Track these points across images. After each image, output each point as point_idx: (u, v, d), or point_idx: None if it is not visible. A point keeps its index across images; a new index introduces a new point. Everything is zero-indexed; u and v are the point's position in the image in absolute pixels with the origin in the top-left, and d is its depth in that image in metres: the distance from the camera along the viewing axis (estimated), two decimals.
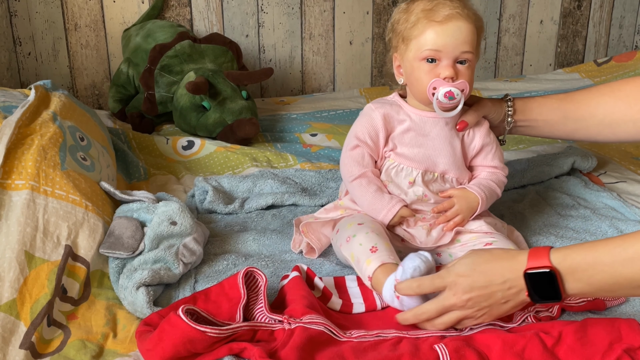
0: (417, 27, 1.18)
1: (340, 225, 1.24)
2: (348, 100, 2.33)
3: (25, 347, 1.01)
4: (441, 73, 1.16)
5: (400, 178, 1.24)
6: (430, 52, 1.16)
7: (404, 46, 1.20)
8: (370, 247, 1.14)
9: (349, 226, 1.21)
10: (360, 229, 1.18)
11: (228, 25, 2.39)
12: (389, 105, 1.25)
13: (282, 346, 0.97)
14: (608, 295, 1.06)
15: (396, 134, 1.24)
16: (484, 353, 0.98)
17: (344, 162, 1.26)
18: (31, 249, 1.13)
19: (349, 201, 1.29)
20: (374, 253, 1.13)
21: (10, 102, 1.41)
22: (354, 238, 1.17)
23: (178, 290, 1.18)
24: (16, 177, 1.20)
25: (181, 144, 1.81)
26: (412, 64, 1.19)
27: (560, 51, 2.77)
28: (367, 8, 2.50)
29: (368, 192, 1.22)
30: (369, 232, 1.17)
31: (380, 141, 1.24)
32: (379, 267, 1.10)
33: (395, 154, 1.24)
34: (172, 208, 1.25)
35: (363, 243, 1.15)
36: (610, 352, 0.97)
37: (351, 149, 1.25)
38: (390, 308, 1.13)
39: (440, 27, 1.16)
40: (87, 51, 2.31)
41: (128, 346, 1.05)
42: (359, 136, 1.24)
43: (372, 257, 1.12)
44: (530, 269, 0.97)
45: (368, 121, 1.24)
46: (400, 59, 1.23)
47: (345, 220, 1.24)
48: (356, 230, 1.18)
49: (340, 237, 1.21)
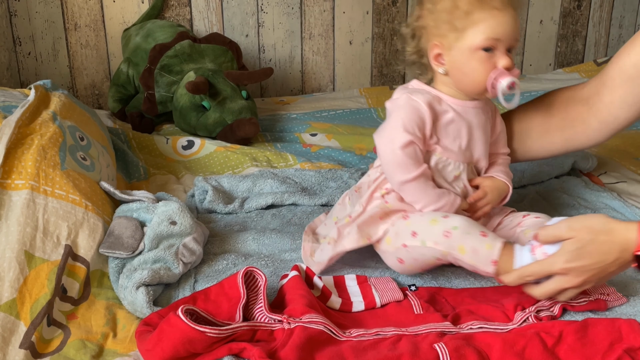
0: (473, 14, 1.11)
1: (415, 226, 1.13)
2: (348, 100, 2.33)
3: (25, 346, 1.01)
4: (499, 62, 1.12)
5: (446, 172, 1.19)
6: (489, 41, 1.11)
7: (455, 35, 1.13)
8: (479, 233, 1.09)
9: (433, 222, 1.12)
10: (454, 219, 1.11)
11: (228, 25, 2.39)
12: (428, 94, 1.18)
13: (281, 346, 0.97)
14: None
15: (441, 125, 1.17)
16: (484, 352, 0.98)
17: (397, 161, 1.14)
18: (31, 249, 1.13)
19: (398, 201, 1.19)
20: (486, 237, 1.08)
21: (10, 102, 1.41)
22: (456, 230, 1.09)
23: (178, 290, 1.18)
24: (16, 176, 1.20)
25: (181, 143, 1.81)
26: (465, 54, 1.13)
27: (560, 51, 2.77)
28: (367, 8, 2.50)
29: (428, 189, 1.16)
30: (464, 220, 1.11)
31: (427, 133, 1.16)
32: (503, 247, 1.08)
33: (441, 148, 1.18)
34: (172, 208, 1.25)
35: (470, 231, 1.09)
36: (610, 352, 0.97)
37: (403, 147, 1.13)
38: (390, 306, 1.13)
39: (500, 14, 1.11)
40: (87, 51, 2.31)
41: (128, 346, 1.05)
42: (409, 129, 1.14)
43: (489, 241, 1.08)
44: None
45: (414, 112, 1.16)
46: (445, 48, 1.15)
47: (416, 220, 1.14)
48: (450, 222, 1.11)
49: (429, 237, 1.11)
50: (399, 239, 1.15)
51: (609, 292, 1.12)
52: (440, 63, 1.17)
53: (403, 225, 1.15)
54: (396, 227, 1.16)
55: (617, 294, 1.12)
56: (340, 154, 1.83)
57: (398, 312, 1.12)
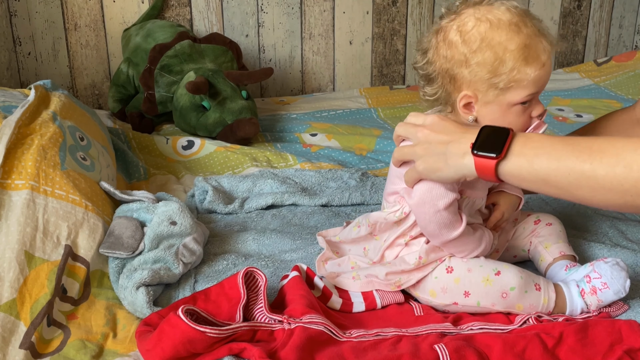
0: (519, 72, 1.02)
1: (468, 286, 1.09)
2: (348, 100, 2.33)
3: (25, 347, 1.01)
4: (534, 112, 1.07)
5: (471, 210, 1.15)
6: (530, 97, 1.05)
7: (494, 92, 1.04)
8: (534, 286, 1.09)
9: (487, 283, 1.08)
10: (508, 277, 1.08)
11: (228, 25, 2.39)
12: None
13: (281, 346, 0.97)
14: (539, 187, 0.95)
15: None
16: (484, 353, 0.98)
17: (442, 222, 1.07)
18: (31, 249, 1.13)
19: (432, 254, 1.12)
20: (540, 291, 1.09)
21: (10, 102, 1.41)
22: (513, 291, 1.08)
23: (178, 290, 1.18)
24: (16, 177, 1.19)
25: (181, 143, 1.81)
26: (502, 108, 1.05)
27: (560, 51, 2.77)
28: (367, 8, 2.50)
29: (469, 237, 1.11)
30: (517, 276, 1.09)
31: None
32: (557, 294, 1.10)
33: (469, 190, 1.12)
34: (172, 208, 1.25)
35: (527, 288, 1.08)
36: (610, 353, 0.97)
37: (446, 207, 1.06)
38: (390, 307, 1.13)
39: (544, 69, 1.03)
40: (87, 51, 2.31)
41: (128, 346, 1.05)
42: (449, 187, 1.06)
43: (544, 294, 1.09)
44: (491, 124, 0.98)
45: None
46: (479, 101, 1.06)
47: (466, 279, 1.09)
48: (505, 281, 1.08)
49: (485, 299, 1.09)
50: (449, 296, 1.10)
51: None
52: (469, 111, 1.08)
53: (451, 282, 1.10)
54: (441, 282, 1.11)
55: (619, 303, 1.11)
56: (340, 154, 1.83)
57: (399, 313, 1.12)
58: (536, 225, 1.24)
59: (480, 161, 0.95)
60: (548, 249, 1.20)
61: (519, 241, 1.25)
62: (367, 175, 1.64)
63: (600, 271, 1.09)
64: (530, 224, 1.25)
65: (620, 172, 0.86)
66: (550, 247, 1.21)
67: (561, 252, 1.20)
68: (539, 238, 1.23)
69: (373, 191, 1.54)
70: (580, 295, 1.09)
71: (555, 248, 1.20)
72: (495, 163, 0.94)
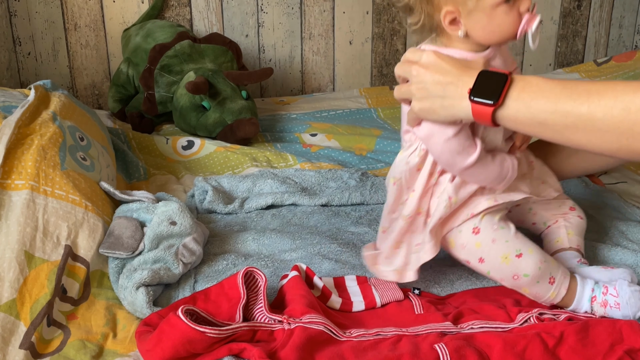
0: None
1: (485, 254, 1.11)
2: (348, 100, 2.33)
3: (25, 347, 1.01)
4: (522, 6, 1.04)
5: (495, 135, 1.12)
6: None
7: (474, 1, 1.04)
8: (548, 280, 1.10)
9: (505, 260, 1.10)
10: (527, 262, 1.09)
11: (228, 25, 2.39)
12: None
13: (281, 346, 0.97)
14: (533, 131, 0.96)
15: None
16: (485, 353, 0.98)
17: (454, 149, 1.06)
18: (31, 249, 1.13)
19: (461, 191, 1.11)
20: (553, 285, 1.10)
21: (10, 102, 1.41)
22: (526, 277, 1.10)
23: (178, 290, 1.18)
24: (16, 177, 1.19)
25: (181, 143, 1.81)
26: (487, 12, 1.04)
27: (560, 51, 2.77)
28: (367, 8, 2.50)
29: (488, 163, 1.09)
30: (536, 265, 1.09)
31: None
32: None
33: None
34: (172, 208, 1.25)
35: (540, 280, 1.09)
36: (611, 353, 0.97)
37: (456, 133, 1.05)
38: (390, 306, 1.13)
39: None
40: (86, 51, 2.31)
41: (128, 346, 1.05)
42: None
43: (554, 289, 1.10)
44: (490, 69, 0.97)
45: None
46: (462, 13, 1.05)
47: (487, 246, 1.11)
48: (522, 266, 1.10)
49: (497, 272, 1.11)
50: (464, 254, 1.13)
51: None
52: (456, 27, 1.07)
53: (472, 243, 1.11)
54: (463, 238, 1.12)
55: None
56: (340, 154, 1.83)
57: (398, 312, 1.12)
58: (571, 211, 1.25)
59: (477, 107, 0.95)
60: (570, 236, 1.22)
61: (547, 214, 1.25)
62: (367, 175, 1.64)
63: (620, 291, 1.09)
64: (566, 207, 1.26)
65: (617, 114, 0.86)
66: (572, 236, 1.22)
67: (578, 246, 1.22)
68: (567, 223, 1.24)
69: (373, 191, 1.54)
70: (590, 300, 1.10)
71: (576, 240, 1.22)
72: (492, 110, 0.94)
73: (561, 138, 0.93)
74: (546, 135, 0.94)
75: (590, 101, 0.88)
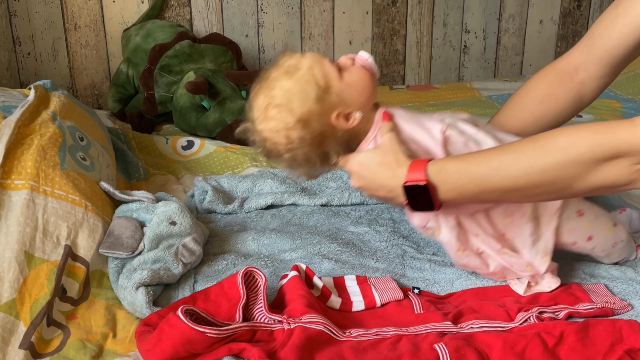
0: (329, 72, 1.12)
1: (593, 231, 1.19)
2: None
3: (25, 347, 1.01)
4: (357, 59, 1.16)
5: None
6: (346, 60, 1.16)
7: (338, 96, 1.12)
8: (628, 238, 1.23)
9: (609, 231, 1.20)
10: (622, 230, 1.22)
11: (228, 25, 2.39)
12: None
13: (281, 346, 0.97)
14: (474, 202, 1.09)
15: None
16: (485, 352, 0.98)
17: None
18: (31, 249, 1.13)
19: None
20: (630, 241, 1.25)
21: (10, 102, 1.41)
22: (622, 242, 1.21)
23: (177, 290, 1.18)
24: (16, 177, 1.19)
25: (181, 143, 1.81)
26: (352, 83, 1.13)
27: (560, 51, 2.77)
28: (366, 8, 2.50)
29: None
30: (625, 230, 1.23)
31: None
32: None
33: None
34: (172, 208, 1.25)
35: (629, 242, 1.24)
36: (611, 353, 0.97)
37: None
38: (390, 305, 1.13)
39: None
40: (86, 51, 2.31)
41: (127, 346, 1.05)
42: None
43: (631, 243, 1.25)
44: (408, 182, 1.05)
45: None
46: (344, 105, 1.12)
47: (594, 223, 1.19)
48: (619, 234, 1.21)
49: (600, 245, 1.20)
50: (573, 236, 1.18)
51: (614, 300, 1.12)
52: (347, 119, 1.13)
53: (581, 225, 1.17)
54: (571, 223, 1.17)
55: (622, 302, 1.11)
56: None
57: (398, 311, 1.12)
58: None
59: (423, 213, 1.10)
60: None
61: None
62: None
63: None
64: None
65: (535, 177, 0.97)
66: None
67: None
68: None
69: None
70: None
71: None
72: (436, 213, 1.08)
73: (500, 200, 1.07)
74: (488, 200, 1.07)
75: (507, 170, 0.99)
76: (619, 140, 0.91)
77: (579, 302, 1.11)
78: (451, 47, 2.65)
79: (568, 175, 0.94)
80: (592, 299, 1.11)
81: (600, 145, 0.91)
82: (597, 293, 1.14)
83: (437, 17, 2.59)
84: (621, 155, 0.91)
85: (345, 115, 1.13)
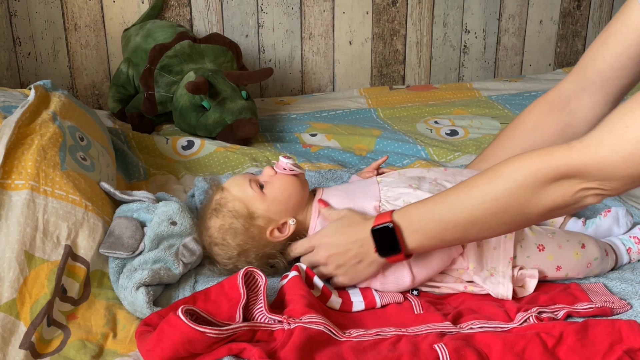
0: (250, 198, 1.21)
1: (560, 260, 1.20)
2: (348, 100, 2.33)
3: (25, 347, 1.01)
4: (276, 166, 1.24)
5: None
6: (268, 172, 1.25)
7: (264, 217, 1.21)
8: (605, 252, 1.23)
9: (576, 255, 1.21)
10: (592, 249, 1.22)
11: (228, 25, 2.39)
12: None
13: (281, 346, 0.97)
14: (442, 245, 1.10)
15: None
16: (484, 353, 0.98)
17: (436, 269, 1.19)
18: (31, 249, 1.13)
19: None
20: (607, 256, 1.24)
21: (10, 102, 1.40)
22: (596, 260, 1.22)
23: (178, 290, 1.18)
24: (16, 177, 1.19)
25: (181, 143, 1.81)
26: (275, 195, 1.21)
27: (559, 51, 2.77)
28: (366, 8, 2.50)
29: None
30: (597, 246, 1.23)
31: None
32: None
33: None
34: (172, 208, 1.25)
35: (604, 257, 1.23)
36: (610, 353, 0.98)
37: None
38: (390, 306, 1.13)
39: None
40: (86, 51, 2.31)
41: (128, 346, 1.05)
42: None
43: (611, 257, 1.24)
44: (376, 225, 1.09)
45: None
46: (274, 221, 1.21)
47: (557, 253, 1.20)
48: (590, 252, 1.22)
49: (574, 269, 1.21)
50: (541, 270, 1.19)
51: (613, 300, 1.12)
52: (282, 231, 1.22)
53: (544, 259, 1.19)
54: (534, 260, 1.19)
55: (621, 302, 1.11)
56: (340, 154, 1.83)
57: (398, 312, 1.12)
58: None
59: (392, 259, 1.10)
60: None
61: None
62: None
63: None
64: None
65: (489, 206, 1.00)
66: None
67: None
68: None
69: None
70: (627, 253, 1.25)
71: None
72: (403, 255, 1.09)
73: (466, 238, 1.09)
74: (454, 241, 1.09)
75: (463, 203, 1.02)
76: (557, 163, 0.94)
77: (577, 301, 1.11)
78: (451, 47, 2.65)
79: (518, 201, 0.97)
80: (590, 298, 1.11)
81: (541, 169, 0.95)
82: (596, 292, 1.14)
83: (437, 17, 2.59)
84: (562, 177, 0.94)
85: (278, 228, 1.22)
